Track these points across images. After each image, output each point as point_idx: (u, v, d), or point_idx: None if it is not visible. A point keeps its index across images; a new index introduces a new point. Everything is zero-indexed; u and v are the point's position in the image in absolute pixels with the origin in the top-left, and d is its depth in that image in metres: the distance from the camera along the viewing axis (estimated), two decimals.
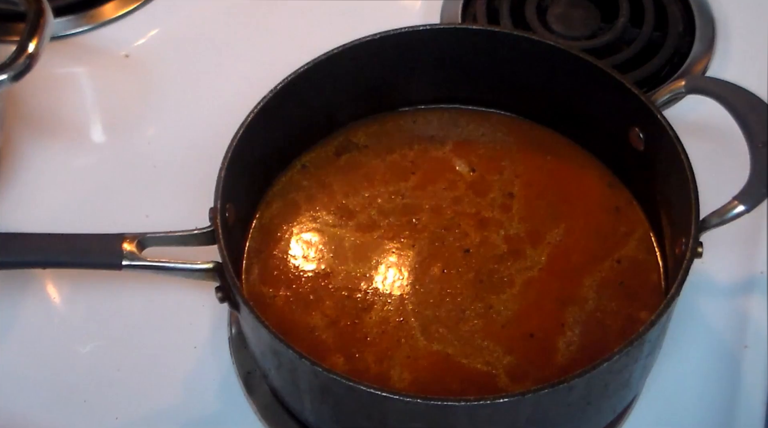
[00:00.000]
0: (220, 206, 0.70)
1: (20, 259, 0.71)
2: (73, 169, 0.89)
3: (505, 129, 0.83)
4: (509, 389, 0.70)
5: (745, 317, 0.79)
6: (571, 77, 0.78)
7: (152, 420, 0.77)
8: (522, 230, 0.77)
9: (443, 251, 0.76)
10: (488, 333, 0.73)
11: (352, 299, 0.74)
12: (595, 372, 0.63)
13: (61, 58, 0.94)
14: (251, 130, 0.73)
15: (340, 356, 0.72)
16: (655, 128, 0.74)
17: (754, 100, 0.73)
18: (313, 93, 0.78)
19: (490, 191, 0.79)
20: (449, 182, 0.80)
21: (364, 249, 0.77)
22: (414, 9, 0.98)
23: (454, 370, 0.71)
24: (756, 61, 0.93)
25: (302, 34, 0.96)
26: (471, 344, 0.72)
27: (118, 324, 0.81)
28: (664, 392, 0.77)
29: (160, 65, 0.95)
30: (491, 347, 0.72)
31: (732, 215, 0.70)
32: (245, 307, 0.67)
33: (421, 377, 0.71)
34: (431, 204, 0.79)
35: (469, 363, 0.71)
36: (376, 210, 0.79)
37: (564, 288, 0.75)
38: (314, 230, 0.78)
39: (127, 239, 0.70)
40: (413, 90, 0.83)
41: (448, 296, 0.74)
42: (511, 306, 0.74)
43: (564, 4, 0.95)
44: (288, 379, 0.69)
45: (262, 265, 0.76)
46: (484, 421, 0.65)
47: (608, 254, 0.76)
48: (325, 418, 0.71)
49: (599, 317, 0.73)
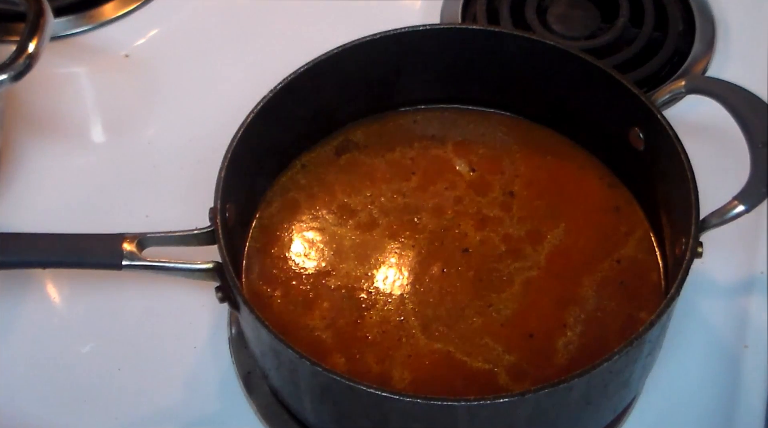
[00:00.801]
0: (220, 206, 0.70)
1: (20, 259, 0.71)
2: (73, 169, 0.89)
3: (505, 129, 0.83)
4: (510, 387, 0.70)
5: (745, 317, 0.79)
6: (572, 77, 0.78)
7: (152, 420, 0.77)
8: (522, 229, 0.77)
9: (443, 251, 0.76)
10: (488, 331, 0.73)
11: (353, 299, 0.74)
12: (595, 372, 0.63)
13: (61, 58, 0.94)
14: (251, 130, 0.73)
15: (341, 356, 0.72)
16: (655, 128, 0.74)
17: (754, 100, 0.73)
18: (313, 93, 0.78)
19: (490, 191, 0.79)
20: (449, 181, 0.80)
21: (365, 249, 0.77)
22: (414, 9, 0.98)
23: (456, 368, 0.71)
24: (756, 61, 0.93)
25: (302, 34, 0.96)
26: (471, 342, 0.72)
27: (118, 324, 0.81)
28: (664, 392, 0.77)
29: (160, 65, 0.95)
30: (491, 345, 0.72)
31: (732, 215, 0.70)
32: (245, 307, 0.67)
33: (422, 376, 0.71)
34: (431, 204, 0.79)
35: (469, 361, 0.71)
36: (376, 210, 0.79)
37: (564, 288, 0.75)
38: (314, 229, 0.78)
39: (127, 239, 0.70)
40: (413, 90, 0.83)
41: (448, 295, 0.74)
42: (510, 305, 0.74)
43: (564, 4, 0.95)
44: (288, 379, 0.69)
45: (262, 265, 0.76)
46: (484, 421, 0.65)
47: (608, 254, 0.76)
48: (325, 418, 0.71)
49: (599, 317, 0.73)
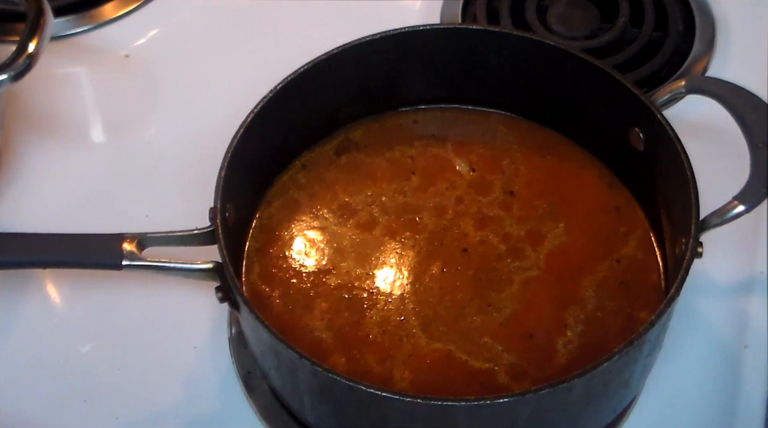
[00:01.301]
0: (220, 206, 0.70)
1: (20, 259, 0.71)
2: (73, 169, 0.89)
3: (505, 129, 0.83)
4: (510, 387, 0.70)
5: (745, 317, 0.79)
6: (571, 77, 0.78)
7: (152, 420, 0.77)
8: (522, 229, 0.77)
9: (443, 250, 0.76)
10: (488, 330, 0.73)
11: (353, 298, 0.74)
12: (595, 372, 0.63)
13: (61, 58, 0.94)
14: (251, 130, 0.73)
15: (341, 356, 0.72)
16: (655, 128, 0.74)
17: (754, 100, 0.73)
18: (313, 93, 0.78)
19: (490, 191, 0.79)
20: (449, 181, 0.80)
21: (365, 248, 0.77)
22: (414, 9, 0.98)
23: (456, 368, 0.71)
24: (756, 61, 0.93)
25: (302, 34, 0.96)
26: (471, 341, 0.72)
27: (118, 324, 0.81)
28: (664, 392, 0.77)
29: (160, 65, 0.95)
30: (491, 344, 0.72)
31: (732, 215, 0.70)
32: (245, 307, 0.67)
33: (423, 375, 0.71)
34: (431, 203, 0.79)
35: (470, 361, 0.71)
36: (376, 209, 0.79)
37: (564, 288, 0.75)
38: (314, 229, 0.78)
39: (127, 239, 0.70)
40: (413, 90, 0.83)
41: (447, 295, 0.74)
42: (510, 305, 0.74)
43: (564, 4, 0.95)
44: (288, 379, 0.69)
45: (262, 265, 0.76)
46: (484, 421, 0.65)
47: (608, 254, 0.76)
48: (325, 418, 0.71)
49: (599, 317, 0.73)
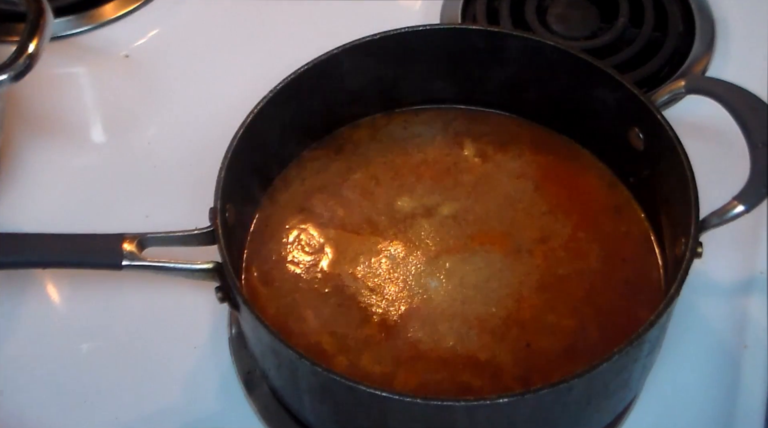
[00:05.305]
0: (220, 206, 0.70)
1: (20, 259, 0.71)
2: (73, 169, 0.89)
3: (505, 129, 0.83)
4: (511, 387, 0.70)
5: (745, 317, 0.79)
6: (572, 77, 0.78)
7: (152, 420, 0.77)
8: (522, 229, 0.77)
9: (443, 251, 0.76)
10: (488, 330, 0.73)
11: (354, 299, 0.74)
12: (595, 372, 0.63)
13: (61, 58, 0.94)
14: (251, 130, 0.73)
15: (341, 356, 0.72)
16: (655, 128, 0.74)
17: (754, 100, 0.73)
18: (313, 93, 0.78)
19: (490, 191, 0.79)
20: (449, 181, 0.80)
21: (365, 248, 0.77)
22: (414, 9, 0.98)
23: (457, 368, 0.71)
24: (756, 61, 0.93)
25: (302, 34, 0.96)
26: (472, 341, 0.72)
27: (118, 324, 0.81)
28: (664, 392, 0.77)
29: (160, 65, 0.95)
30: (491, 344, 0.72)
31: (732, 215, 0.70)
32: (245, 307, 0.67)
33: (423, 375, 0.71)
34: (431, 204, 0.79)
35: (470, 361, 0.71)
36: (376, 210, 0.79)
37: (563, 288, 0.75)
38: (314, 230, 0.78)
39: (127, 239, 0.70)
40: (413, 90, 0.83)
41: (448, 295, 0.74)
42: (510, 305, 0.74)
43: (564, 4, 0.95)
44: (288, 379, 0.69)
45: (262, 265, 0.76)
46: (483, 421, 0.65)
47: (608, 254, 0.76)
48: (325, 418, 0.71)
49: (599, 317, 0.73)
